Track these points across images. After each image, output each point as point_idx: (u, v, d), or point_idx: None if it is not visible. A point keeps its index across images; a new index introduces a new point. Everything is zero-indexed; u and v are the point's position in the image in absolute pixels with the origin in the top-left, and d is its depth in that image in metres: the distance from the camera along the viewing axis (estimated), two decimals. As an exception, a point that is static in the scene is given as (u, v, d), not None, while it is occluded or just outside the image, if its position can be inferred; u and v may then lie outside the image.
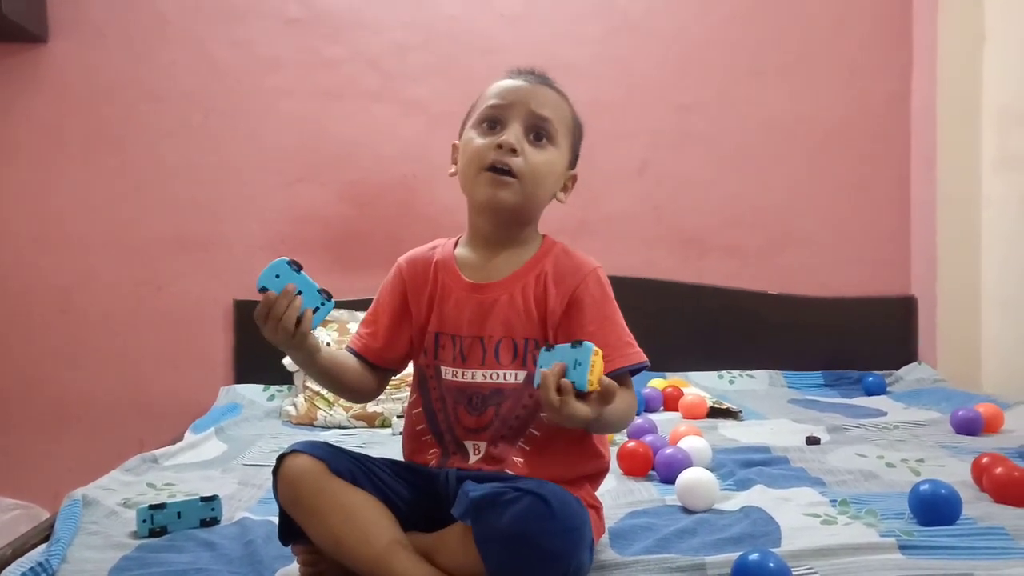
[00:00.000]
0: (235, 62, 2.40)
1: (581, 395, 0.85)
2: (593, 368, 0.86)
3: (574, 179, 1.11)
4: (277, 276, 0.93)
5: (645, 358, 1.02)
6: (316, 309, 0.93)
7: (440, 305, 1.06)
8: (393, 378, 1.99)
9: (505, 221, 1.05)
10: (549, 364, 0.87)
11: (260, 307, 0.92)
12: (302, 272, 0.94)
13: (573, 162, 1.10)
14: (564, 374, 0.86)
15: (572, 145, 1.08)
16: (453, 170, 1.08)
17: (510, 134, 1.00)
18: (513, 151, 1.00)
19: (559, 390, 0.84)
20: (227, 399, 2.21)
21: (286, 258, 0.94)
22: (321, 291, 0.94)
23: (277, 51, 2.41)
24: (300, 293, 0.92)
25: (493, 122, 1.02)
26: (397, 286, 1.10)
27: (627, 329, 1.03)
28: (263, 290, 0.93)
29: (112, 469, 1.47)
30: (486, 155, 1.00)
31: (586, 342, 0.87)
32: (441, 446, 1.05)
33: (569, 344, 0.88)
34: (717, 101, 2.51)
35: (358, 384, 1.07)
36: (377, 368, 1.09)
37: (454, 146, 1.09)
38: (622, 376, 0.99)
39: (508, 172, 1.00)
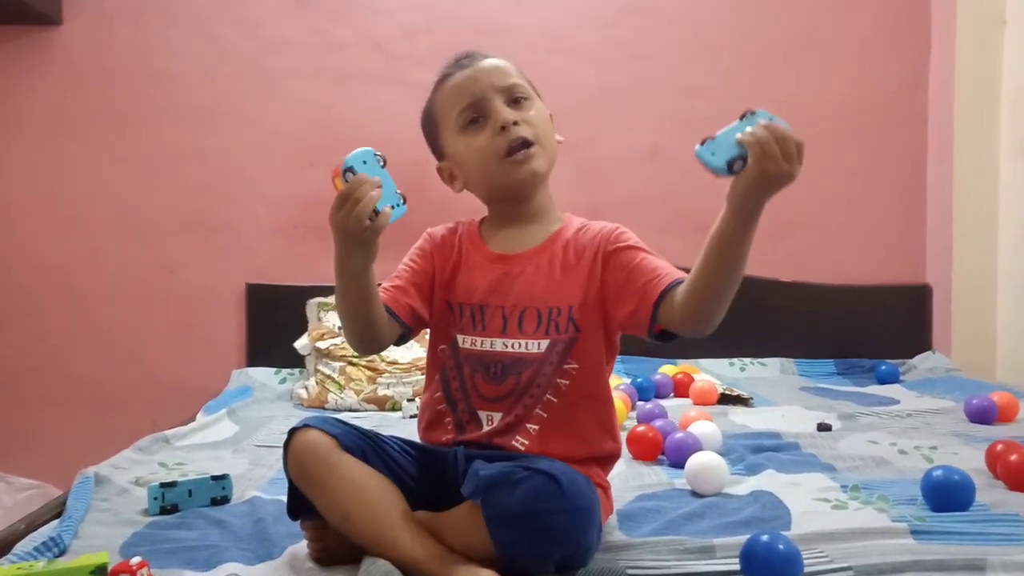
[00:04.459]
0: (243, 44, 2.40)
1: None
2: None
3: (551, 117, 1.11)
4: (364, 163, 0.90)
5: None
6: (392, 206, 0.91)
7: (463, 275, 1.07)
8: (403, 362, 2.03)
9: (534, 193, 1.07)
10: (720, 147, 0.86)
11: (346, 187, 0.88)
12: (385, 168, 0.92)
13: None
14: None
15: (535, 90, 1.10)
16: (458, 187, 1.10)
17: (501, 114, 1.02)
18: (516, 124, 1.02)
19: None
20: (239, 382, 2.23)
21: (372, 149, 0.92)
22: (398, 192, 0.92)
23: (285, 33, 2.41)
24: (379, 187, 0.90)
25: (475, 119, 1.04)
26: (426, 250, 1.10)
27: None
28: (348, 170, 0.89)
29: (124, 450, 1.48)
30: (497, 145, 1.02)
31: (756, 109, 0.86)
32: (455, 415, 1.05)
33: (734, 123, 0.86)
34: (727, 84, 2.48)
35: (381, 327, 1.01)
36: (396, 321, 1.04)
37: (440, 169, 1.11)
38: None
39: (525, 144, 1.02)
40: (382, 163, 0.92)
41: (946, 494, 1.09)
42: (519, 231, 1.08)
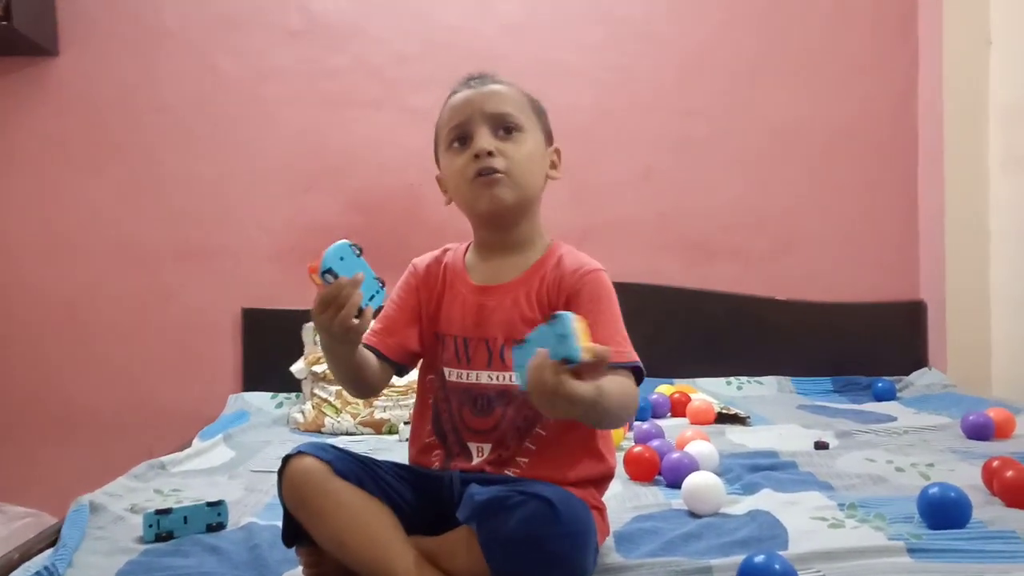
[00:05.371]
0: (238, 72, 2.42)
1: (576, 372, 0.78)
2: (579, 336, 0.78)
3: (558, 153, 1.12)
4: (341, 259, 0.88)
5: (638, 360, 0.98)
6: (372, 297, 0.90)
7: (446, 306, 1.07)
8: (400, 384, 2.03)
9: (509, 222, 1.06)
10: (526, 359, 0.80)
11: (327, 292, 0.87)
12: (362, 257, 0.90)
13: (549, 138, 1.11)
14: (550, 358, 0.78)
15: (540, 124, 1.09)
16: (447, 199, 1.11)
17: (480, 141, 1.03)
18: (490, 154, 1.02)
19: (549, 375, 0.77)
20: (235, 407, 2.22)
21: (348, 241, 0.90)
22: (376, 278, 0.92)
23: (280, 60, 2.43)
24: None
25: (462, 139, 1.05)
26: (411, 284, 1.11)
27: (624, 333, 1.01)
28: (328, 272, 0.87)
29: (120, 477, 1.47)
30: (469, 168, 1.03)
31: (562, 312, 0.79)
32: (445, 447, 1.05)
33: (543, 324, 0.80)
34: (720, 105, 2.51)
35: (373, 378, 1.04)
36: (387, 363, 1.07)
37: (438, 179, 1.12)
38: (615, 371, 0.94)
39: (494, 172, 1.02)
40: (358, 252, 0.90)
41: (943, 511, 1.08)
42: (500, 262, 1.07)
